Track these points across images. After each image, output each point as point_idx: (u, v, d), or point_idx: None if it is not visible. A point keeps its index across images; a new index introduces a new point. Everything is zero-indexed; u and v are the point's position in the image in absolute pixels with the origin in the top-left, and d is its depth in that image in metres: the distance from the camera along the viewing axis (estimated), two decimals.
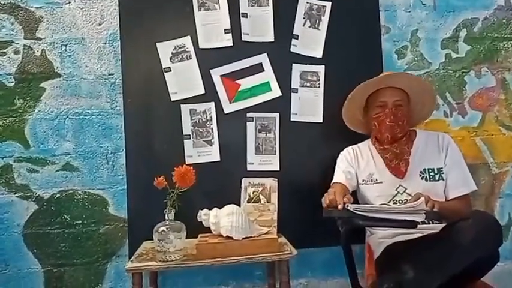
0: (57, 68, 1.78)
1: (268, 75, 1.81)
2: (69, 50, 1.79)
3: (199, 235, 1.50)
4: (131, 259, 1.44)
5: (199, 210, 1.48)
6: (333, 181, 1.61)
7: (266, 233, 1.51)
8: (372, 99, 1.59)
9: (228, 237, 1.42)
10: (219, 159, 1.77)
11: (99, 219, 1.76)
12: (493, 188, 1.97)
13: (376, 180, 1.56)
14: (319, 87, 1.84)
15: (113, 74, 1.80)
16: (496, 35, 2.01)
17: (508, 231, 1.97)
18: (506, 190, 1.98)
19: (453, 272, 1.19)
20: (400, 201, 1.50)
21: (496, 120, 1.99)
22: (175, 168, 1.41)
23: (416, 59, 1.97)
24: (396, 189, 1.52)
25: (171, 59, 1.77)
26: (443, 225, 1.35)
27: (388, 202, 1.51)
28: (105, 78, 1.80)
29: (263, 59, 1.81)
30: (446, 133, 1.66)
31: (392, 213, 1.16)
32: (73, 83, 1.79)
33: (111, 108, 1.80)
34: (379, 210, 1.18)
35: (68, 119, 1.78)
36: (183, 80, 1.76)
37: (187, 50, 1.77)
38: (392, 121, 1.52)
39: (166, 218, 1.39)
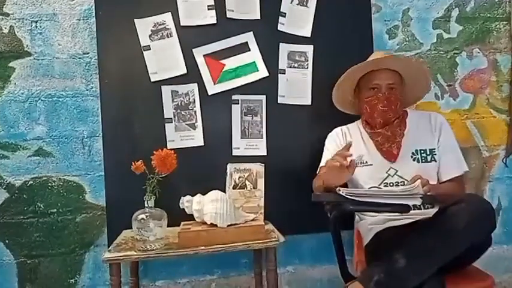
0: (27, 46, 1.66)
1: (254, 55, 1.72)
2: (40, 26, 1.67)
3: (182, 223, 1.43)
4: (109, 249, 1.36)
5: (182, 197, 1.41)
6: (321, 164, 1.56)
7: (252, 220, 1.45)
8: (364, 80, 1.51)
9: (212, 225, 1.36)
10: (202, 144, 1.69)
11: (76, 207, 1.67)
12: (483, 171, 1.95)
13: (366, 162, 1.50)
14: (307, 68, 1.77)
15: (88, 53, 1.69)
16: (488, 15, 1.96)
17: (497, 215, 1.95)
18: (496, 174, 1.96)
19: (446, 259, 1.17)
20: (391, 184, 1.45)
21: (487, 103, 1.95)
22: (154, 152, 1.32)
23: (407, 39, 1.90)
24: (387, 172, 1.47)
25: (150, 36, 1.66)
26: (436, 210, 1.30)
27: (379, 185, 1.46)
28: (79, 58, 1.69)
29: (249, 37, 1.71)
30: None
31: (387, 197, 1.10)
32: (45, 62, 1.67)
33: (87, 90, 1.69)
34: (373, 194, 1.12)
35: (40, 101, 1.66)
36: (163, 59, 1.66)
37: (167, 27, 1.67)
38: (386, 106, 1.45)
39: (146, 205, 1.31)
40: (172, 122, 1.67)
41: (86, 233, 1.67)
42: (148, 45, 1.66)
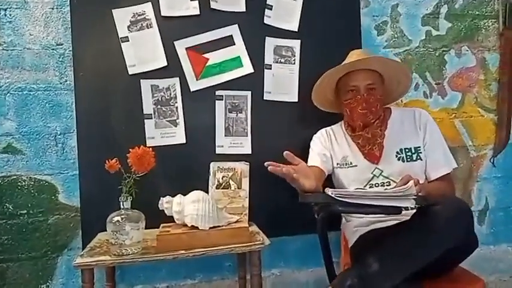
0: None
1: (239, 49, 1.65)
2: (10, 15, 1.56)
3: (161, 225, 1.36)
4: (81, 253, 1.26)
5: (161, 198, 1.33)
6: (307, 164, 1.49)
7: (236, 222, 1.39)
8: (343, 82, 1.47)
9: (193, 227, 1.28)
10: (184, 142, 1.61)
11: (48, 208, 1.57)
12: (471, 171, 1.92)
13: (351, 163, 1.46)
14: (294, 63, 1.70)
15: (62, 44, 1.59)
16: (477, 13, 1.93)
17: (484, 215, 1.93)
18: (484, 174, 1.93)
19: (422, 263, 1.10)
20: (377, 185, 1.42)
21: (475, 102, 1.93)
22: (130, 150, 1.23)
23: (396, 35, 1.86)
24: (372, 173, 1.43)
25: (129, 27, 1.57)
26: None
27: (364, 186, 1.43)
28: (52, 49, 1.58)
29: (233, 30, 1.64)
30: None
31: (379, 198, 1.04)
32: (15, 53, 1.56)
33: (60, 83, 1.58)
34: (364, 195, 1.06)
35: (9, 94, 1.55)
36: (142, 51, 1.57)
37: (147, 17, 1.58)
38: (365, 108, 1.41)
39: (122, 206, 1.22)
40: (152, 118, 1.58)
41: (58, 236, 1.57)
42: (127, 37, 1.56)
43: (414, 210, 1.28)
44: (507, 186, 1.95)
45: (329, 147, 1.51)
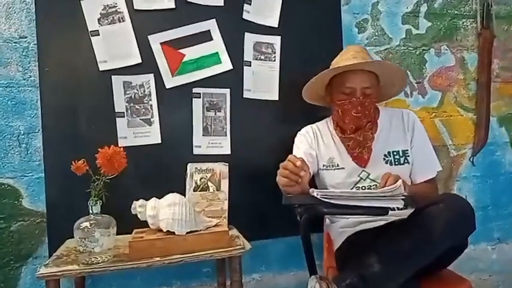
0: None
1: (217, 44, 1.58)
2: None
3: (134, 230, 1.27)
4: (46, 263, 1.16)
5: (134, 201, 1.25)
6: None
7: (215, 226, 1.32)
8: (338, 80, 1.39)
9: (169, 232, 1.20)
10: (159, 142, 1.53)
11: (11, 214, 1.45)
12: (451, 170, 1.92)
13: (338, 165, 1.41)
14: (274, 60, 1.65)
15: (25, 37, 1.47)
16: (455, 12, 1.93)
17: None
18: (463, 173, 1.94)
19: (423, 263, 1.10)
20: (363, 188, 1.38)
21: (454, 101, 1.93)
22: (99, 150, 1.14)
23: (376, 33, 1.84)
24: (359, 175, 1.39)
25: (99, 20, 1.47)
26: (409, 211, 1.22)
27: (351, 189, 1.38)
28: (15, 42, 1.47)
29: (211, 25, 1.57)
30: None
31: (367, 199, 1.00)
32: None
33: (24, 79, 1.47)
34: (351, 196, 1.01)
35: None
36: (114, 46, 1.48)
37: (119, 10, 1.49)
38: (359, 112, 1.35)
39: (91, 211, 1.14)
40: (124, 117, 1.50)
41: (22, 244, 1.46)
42: (97, 30, 1.47)
43: (401, 211, 1.26)
44: (486, 186, 1.96)
45: (315, 147, 1.45)
